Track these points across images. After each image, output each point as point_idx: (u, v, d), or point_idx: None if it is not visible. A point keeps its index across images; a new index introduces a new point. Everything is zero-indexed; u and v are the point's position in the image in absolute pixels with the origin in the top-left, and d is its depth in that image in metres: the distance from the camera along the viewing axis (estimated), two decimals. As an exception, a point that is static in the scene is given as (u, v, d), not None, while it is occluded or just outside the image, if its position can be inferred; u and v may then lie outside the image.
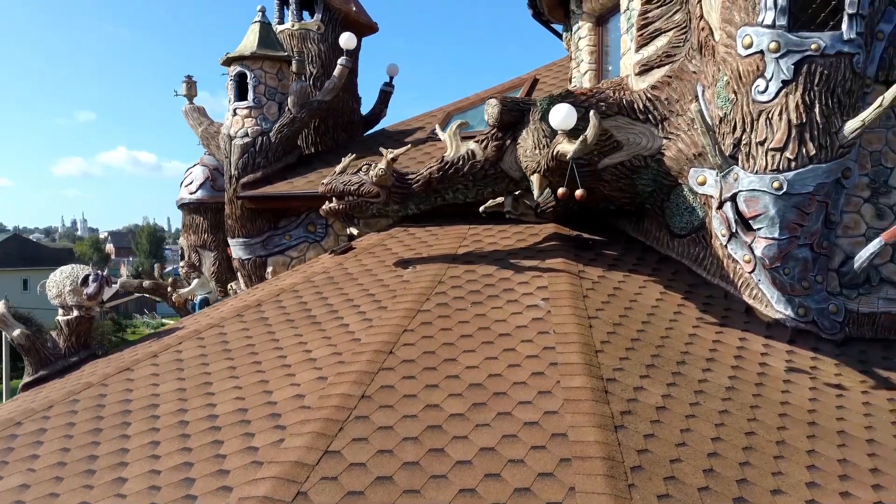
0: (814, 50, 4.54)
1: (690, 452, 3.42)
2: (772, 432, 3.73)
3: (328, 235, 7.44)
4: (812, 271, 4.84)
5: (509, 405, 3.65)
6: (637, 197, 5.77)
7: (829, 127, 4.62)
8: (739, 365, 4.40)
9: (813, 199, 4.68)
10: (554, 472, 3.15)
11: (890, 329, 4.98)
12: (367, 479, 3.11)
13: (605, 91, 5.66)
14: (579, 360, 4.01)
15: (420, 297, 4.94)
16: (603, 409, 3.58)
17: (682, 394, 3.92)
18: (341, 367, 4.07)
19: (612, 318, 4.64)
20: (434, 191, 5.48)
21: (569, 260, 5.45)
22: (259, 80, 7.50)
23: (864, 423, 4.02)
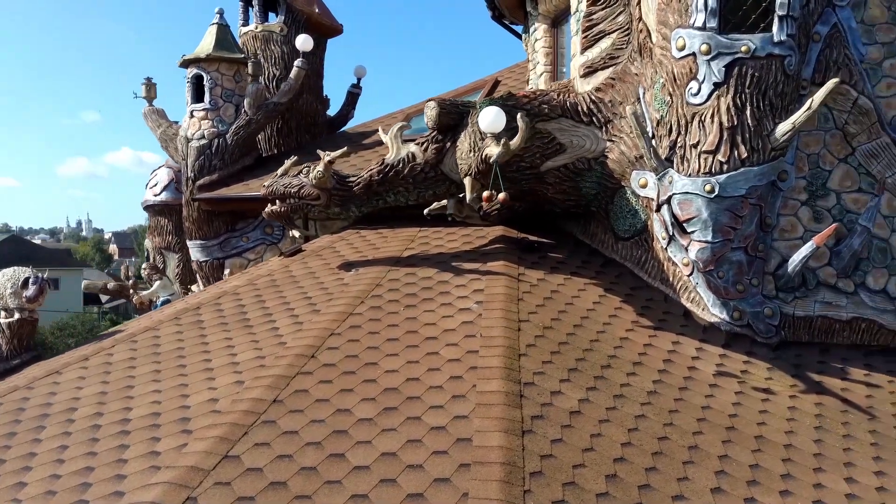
0: (744, 52, 4.52)
1: (597, 457, 3.39)
2: (686, 437, 3.71)
3: (285, 237, 7.43)
4: (747, 274, 4.82)
5: (420, 409, 3.64)
6: (582, 199, 5.75)
7: (761, 129, 4.59)
8: (667, 369, 4.37)
9: (746, 202, 4.66)
10: (451, 477, 3.13)
11: (827, 333, 4.95)
12: (261, 485, 3.09)
13: (549, 93, 5.64)
14: (499, 363, 3.99)
15: (355, 300, 4.93)
16: (513, 414, 3.56)
17: (601, 398, 3.90)
18: (260, 371, 4.06)
19: (543, 322, 4.62)
20: (375, 193, 5.46)
21: (511, 263, 5.43)
22: (215, 82, 7.50)
23: (785, 427, 3.99)
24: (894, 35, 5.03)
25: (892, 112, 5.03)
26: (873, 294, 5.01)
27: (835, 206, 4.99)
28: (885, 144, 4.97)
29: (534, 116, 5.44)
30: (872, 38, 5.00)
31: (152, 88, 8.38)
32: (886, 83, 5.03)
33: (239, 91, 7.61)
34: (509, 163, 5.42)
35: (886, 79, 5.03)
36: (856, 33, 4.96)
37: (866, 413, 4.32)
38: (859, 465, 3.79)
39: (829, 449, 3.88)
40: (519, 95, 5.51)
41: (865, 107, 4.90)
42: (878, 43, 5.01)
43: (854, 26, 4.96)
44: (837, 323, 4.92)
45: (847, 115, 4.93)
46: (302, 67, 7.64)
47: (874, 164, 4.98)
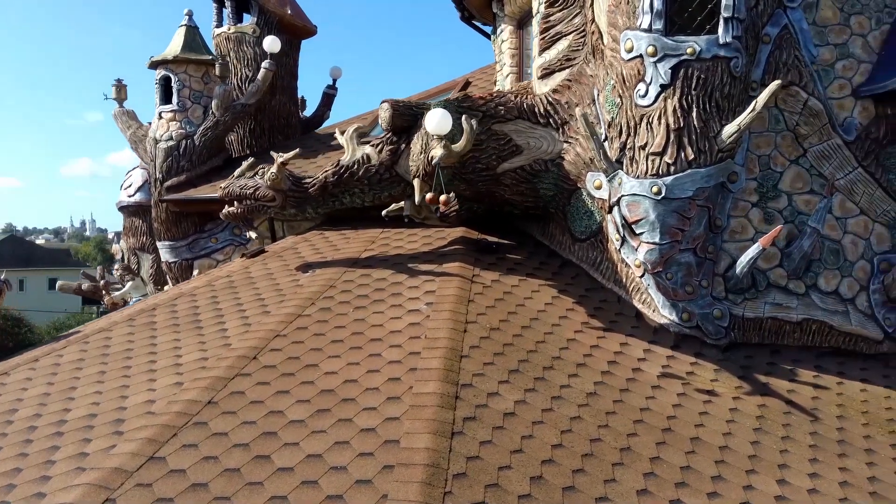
0: (689, 54, 4.52)
1: (525, 459, 3.40)
2: (619, 439, 3.71)
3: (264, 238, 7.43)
4: (696, 276, 4.82)
5: (353, 411, 3.65)
6: (540, 201, 5.76)
7: (708, 131, 4.60)
8: (610, 370, 4.38)
9: (693, 204, 4.66)
10: (373, 479, 3.14)
11: (777, 334, 4.95)
12: (182, 486, 3.10)
13: (505, 95, 5.65)
14: (439, 365, 3.99)
15: (305, 301, 4.94)
16: (445, 416, 3.56)
17: (538, 400, 3.91)
18: (201, 373, 4.07)
19: (491, 323, 4.62)
20: (331, 195, 5.47)
21: (466, 264, 5.43)
22: (183, 83, 7.52)
23: (723, 429, 4.00)
24: (846, 36, 5.04)
25: (845, 114, 5.04)
26: (825, 295, 5.01)
27: (786, 207, 5.00)
28: (837, 146, 4.97)
29: (490, 118, 5.46)
30: (824, 39, 5.01)
31: (123, 90, 8.40)
32: (839, 84, 5.04)
33: (207, 92, 7.64)
34: (465, 164, 5.44)
35: (839, 80, 5.04)
36: (807, 35, 4.97)
37: (809, 415, 4.32)
38: (794, 467, 3.79)
39: (766, 451, 3.88)
40: (475, 97, 5.52)
41: (816, 108, 4.90)
42: (830, 44, 5.02)
43: (805, 28, 4.96)
44: (788, 324, 4.92)
45: (798, 116, 4.94)
46: (269, 69, 7.66)
47: (826, 166, 4.99)
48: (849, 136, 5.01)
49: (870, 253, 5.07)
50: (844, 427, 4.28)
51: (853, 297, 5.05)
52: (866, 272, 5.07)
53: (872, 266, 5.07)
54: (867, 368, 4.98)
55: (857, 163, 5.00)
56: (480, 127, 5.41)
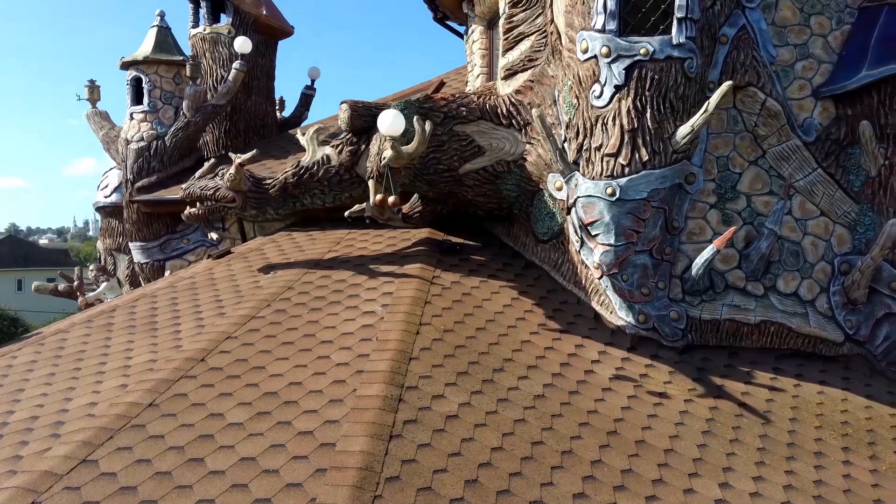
0: (643, 55, 4.50)
1: (462, 462, 3.38)
2: (563, 442, 3.69)
3: (225, 239, 7.43)
4: (653, 278, 4.80)
5: (293, 414, 3.63)
6: (504, 202, 5.74)
7: (662, 132, 4.58)
8: (562, 372, 4.36)
9: (648, 205, 4.64)
10: (304, 482, 3.12)
11: (735, 336, 4.93)
12: (110, 490, 3.08)
13: (468, 96, 5.64)
14: (386, 367, 3.97)
15: (261, 303, 4.92)
16: (386, 419, 3.54)
17: (484, 402, 3.89)
18: (147, 375, 4.06)
19: (445, 325, 4.60)
20: (291, 196, 5.46)
21: (427, 265, 5.42)
22: (154, 84, 7.51)
23: (670, 432, 3.98)
24: (806, 37, 5.02)
25: (805, 114, 5.02)
26: (784, 297, 4.99)
27: (745, 208, 4.98)
28: (796, 147, 4.95)
29: (451, 119, 5.45)
30: (784, 39, 4.99)
31: (96, 91, 8.38)
32: (798, 85, 5.01)
33: (179, 93, 7.63)
34: (426, 165, 5.43)
35: (798, 80, 5.02)
36: (766, 35, 4.94)
37: (761, 417, 4.30)
38: (739, 470, 3.77)
39: (712, 454, 3.86)
40: (436, 98, 5.51)
41: (773, 109, 4.88)
42: (790, 45, 5.00)
43: (764, 28, 4.94)
44: (746, 326, 4.90)
45: (756, 117, 4.92)
46: (240, 69, 7.65)
47: (785, 167, 4.97)
48: (808, 137, 4.99)
49: (830, 254, 5.05)
50: (796, 430, 4.25)
51: (813, 299, 5.03)
52: (826, 274, 5.05)
53: (833, 267, 5.04)
54: (826, 371, 4.96)
55: (816, 164, 4.98)
56: (442, 128, 5.40)
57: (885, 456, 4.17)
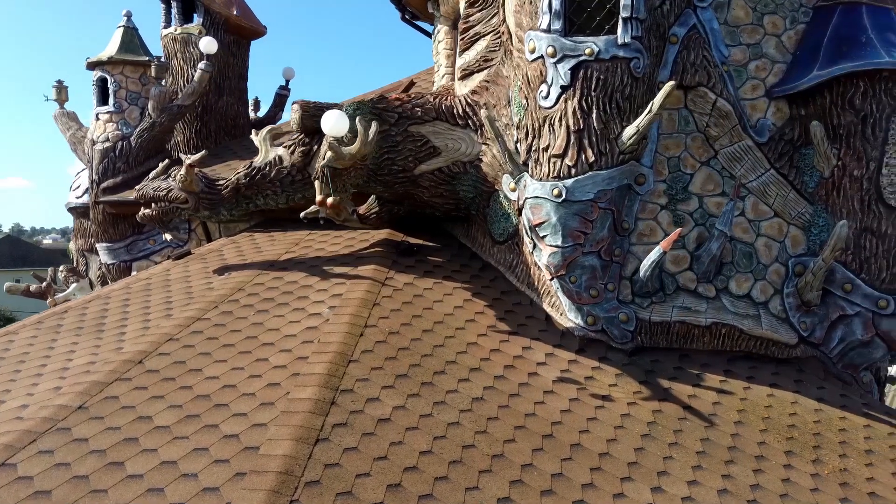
0: (588, 55, 4.47)
1: (387, 466, 3.35)
2: (495, 445, 3.66)
3: (191, 240, 7.41)
4: (602, 279, 4.76)
5: (221, 417, 3.60)
6: (461, 203, 5.71)
7: (608, 133, 4.54)
8: (505, 375, 4.32)
9: (595, 207, 4.61)
10: (221, 487, 3.09)
11: (685, 338, 4.88)
12: (24, 494, 3.06)
13: (424, 97, 5.60)
14: (323, 370, 3.94)
15: (209, 305, 4.90)
16: (314, 422, 3.51)
17: (419, 405, 3.85)
18: (82, 378, 4.03)
19: (392, 327, 4.57)
20: (244, 196, 5.43)
21: (382, 267, 5.38)
22: (119, 84, 7.49)
23: (608, 435, 3.94)
24: (759, 36, 4.98)
25: (758, 115, 4.99)
26: (736, 299, 4.95)
27: (697, 209, 4.94)
28: (748, 147, 4.92)
29: (406, 119, 5.41)
30: (736, 39, 4.96)
31: (63, 91, 8.36)
32: (751, 85, 4.98)
33: (145, 93, 7.62)
34: (380, 166, 5.40)
35: (752, 81, 4.98)
36: (718, 35, 4.91)
37: (705, 421, 4.26)
38: (674, 474, 3.73)
39: (648, 458, 3.82)
40: (391, 98, 5.47)
41: (724, 109, 4.84)
42: (743, 44, 4.96)
43: (716, 28, 4.91)
44: (696, 328, 4.86)
45: (708, 117, 4.88)
46: (206, 70, 7.63)
47: (737, 168, 4.93)
48: (761, 137, 4.95)
49: (784, 256, 5.01)
50: (740, 433, 4.21)
51: (766, 301, 4.99)
52: (780, 275, 5.01)
53: (787, 269, 5.00)
54: (779, 373, 4.92)
55: (769, 164, 4.94)
56: (396, 128, 5.37)
57: (829, 460, 4.13)
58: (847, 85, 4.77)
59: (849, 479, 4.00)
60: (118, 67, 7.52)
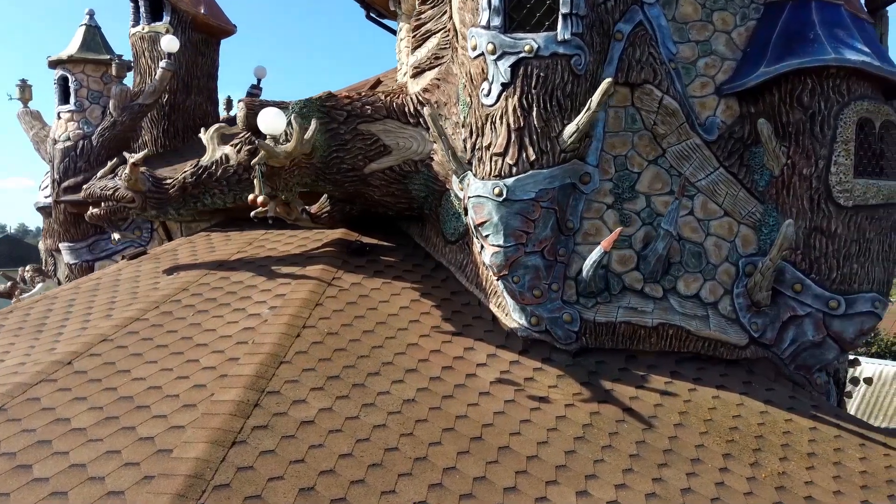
0: (528, 52, 4.41)
1: (302, 470, 3.29)
2: (419, 448, 3.60)
3: (153, 240, 7.37)
4: (545, 279, 4.69)
5: (140, 419, 3.54)
6: (414, 202, 5.65)
7: (549, 131, 4.48)
8: (441, 376, 4.26)
9: (537, 206, 4.54)
10: (126, 490, 3.04)
11: (631, 339, 4.82)
12: (-76, 498, 3.01)
13: (375, 94, 5.55)
14: (252, 372, 3.88)
15: (151, 305, 4.85)
16: (233, 424, 3.45)
17: (347, 407, 3.79)
18: (8, 379, 3.98)
19: (331, 328, 4.51)
20: (191, 196, 5.38)
21: (331, 266, 5.33)
22: (81, 83, 7.45)
23: (540, 438, 3.88)
24: (709, 33, 4.91)
25: (707, 112, 4.92)
26: (684, 299, 4.89)
27: (644, 209, 4.87)
28: (696, 145, 4.85)
29: (356, 118, 5.36)
30: (685, 36, 4.89)
31: (27, 90, 8.33)
32: (701, 82, 4.91)
33: (107, 92, 7.57)
34: (329, 165, 5.35)
35: (701, 78, 4.91)
36: (666, 31, 4.84)
37: (644, 423, 4.20)
38: (603, 477, 3.67)
39: (578, 461, 3.76)
40: (341, 97, 5.42)
41: (671, 107, 4.77)
42: (692, 41, 4.90)
43: (664, 24, 4.84)
44: (642, 329, 4.79)
45: (654, 115, 4.81)
46: (167, 68, 7.58)
47: (686, 166, 4.86)
48: (710, 135, 4.88)
49: (735, 255, 4.94)
50: (679, 435, 4.15)
51: (716, 302, 4.92)
52: (730, 275, 4.94)
53: (737, 269, 4.93)
54: (728, 374, 4.85)
55: (718, 163, 4.87)
56: (345, 127, 5.32)
57: (768, 463, 4.06)
58: (795, 82, 4.70)
59: (786, 483, 3.93)
60: (79, 66, 7.49)
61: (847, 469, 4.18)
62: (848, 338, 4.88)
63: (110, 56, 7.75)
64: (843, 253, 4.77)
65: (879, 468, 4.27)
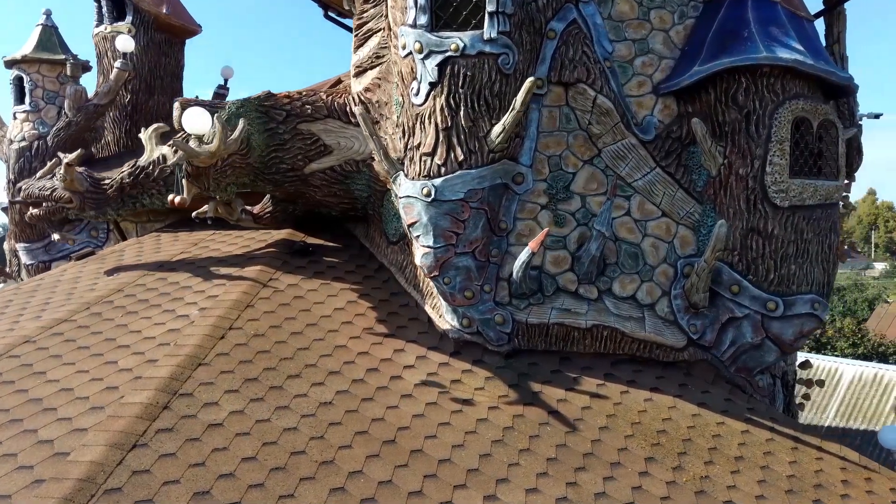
0: (454, 50, 4.36)
1: (201, 474, 3.25)
2: (328, 451, 3.55)
3: (109, 240, 7.33)
4: (477, 280, 4.65)
5: (45, 422, 3.51)
6: (357, 202, 5.61)
7: (477, 131, 4.44)
8: (365, 379, 4.22)
9: (466, 206, 4.50)
10: (13, 494, 3.00)
11: (565, 341, 4.77)
12: None
13: (316, 94, 5.50)
14: (166, 374, 3.84)
15: (82, 306, 4.81)
16: (137, 427, 3.41)
17: (259, 410, 3.75)
18: (-78, 380, 3.95)
19: (258, 329, 4.47)
20: (129, 196, 5.35)
21: (270, 267, 5.29)
22: (36, 83, 7.43)
23: (456, 441, 3.83)
24: (646, 31, 4.86)
25: (644, 112, 4.87)
26: (620, 301, 4.84)
27: (579, 209, 4.82)
28: (631, 145, 4.80)
29: (295, 117, 5.32)
30: (621, 34, 4.84)
31: (-14, 90, 8.30)
32: (638, 81, 4.86)
33: (62, 92, 7.54)
34: (268, 164, 5.31)
35: (638, 77, 4.86)
36: (601, 30, 4.79)
37: (568, 426, 4.15)
38: (515, 482, 3.62)
39: (492, 465, 3.71)
40: (280, 96, 5.38)
41: (605, 106, 4.72)
42: (628, 39, 4.85)
43: (599, 23, 4.79)
44: (576, 331, 4.73)
45: (589, 115, 4.76)
46: (122, 68, 7.53)
47: (621, 166, 4.81)
48: (647, 135, 4.82)
49: (673, 256, 4.88)
50: (602, 439, 4.10)
51: (653, 303, 4.87)
52: (668, 276, 4.88)
53: (675, 270, 4.88)
54: (664, 377, 4.80)
55: (654, 163, 4.82)
56: (284, 126, 5.28)
57: (692, 467, 4.01)
58: (730, 81, 4.64)
59: (707, 487, 3.88)
60: (34, 66, 7.46)
61: (774, 473, 4.12)
62: (787, 340, 4.82)
63: (66, 56, 7.72)
64: (781, 254, 4.71)
65: (808, 472, 4.21)
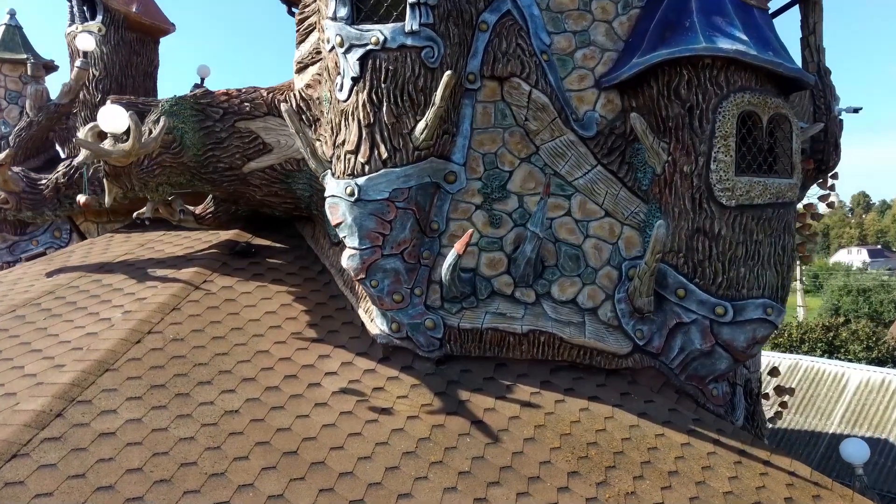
0: (374, 44, 4.19)
1: (80, 485, 3.11)
2: (222, 462, 3.40)
3: (73, 241, 7.28)
4: (407, 283, 4.46)
5: (-69, 430, 3.40)
6: (300, 202, 5.46)
7: (401, 127, 4.26)
8: (280, 386, 4.06)
9: (392, 206, 4.32)
10: None
11: (500, 346, 4.56)
12: None
13: (256, 91, 5.36)
14: (68, 380, 3.72)
15: (8, 308, 4.73)
16: (22, 436, 3.29)
17: (159, 418, 3.61)
18: None
19: (179, 333, 4.34)
20: (66, 196, 5.26)
21: (206, 269, 5.16)
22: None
23: (364, 453, 3.65)
24: (587, 23, 4.64)
25: (586, 107, 4.65)
26: (559, 305, 4.62)
27: (516, 209, 4.61)
28: (570, 142, 4.58)
29: (233, 115, 5.18)
30: (560, 26, 4.63)
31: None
32: (579, 75, 4.64)
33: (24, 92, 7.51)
34: (205, 163, 5.18)
35: (579, 70, 4.64)
36: (538, 21, 4.58)
37: (490, 437, 3.94)
38: (418, 497, 3.43)
39: (397, 478, 3.52)
40: (217, 93, 5.24)
41: (540, 101, 4.51)
42: (568, 31, 4.63)
43: (536, 14, 4.58)
44: (511, 336, 4.52)
45: (525, 110, 4.55)
46: (82, 67, 7.47)
47: (560, 164, 4.60)
48: (588, 131, 4.60)
49: (617, 258, 4.66)
50: (525, 451, 3.89)
51: (595, 307, 4.65)
52: (612, 279, 4.66)
53: (620, 273, 4.65)
54: (606, 385, 4.58)
55: (596, 160, 4.59)
56: (221, 124, 5.14)
57: (618, 482, 3.79)
58: (672, 74, 4.40)
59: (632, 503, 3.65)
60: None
61: (710, 489, 3.88)
62: (739, 347, 4.57)
63: (27, 56, 7.70)
64: (729, 256, 4.45)
65: (749, 489, 3.96)
